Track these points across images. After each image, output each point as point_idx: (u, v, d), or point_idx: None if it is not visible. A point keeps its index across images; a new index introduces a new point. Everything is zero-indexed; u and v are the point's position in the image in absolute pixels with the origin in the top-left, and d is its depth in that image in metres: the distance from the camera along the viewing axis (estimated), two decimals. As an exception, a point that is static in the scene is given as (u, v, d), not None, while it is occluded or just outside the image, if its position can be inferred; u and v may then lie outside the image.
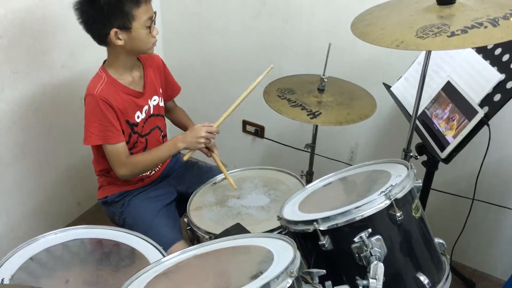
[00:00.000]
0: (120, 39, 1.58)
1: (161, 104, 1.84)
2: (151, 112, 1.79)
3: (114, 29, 1.56)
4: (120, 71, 1.69)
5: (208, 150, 1.79)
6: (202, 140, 1.68)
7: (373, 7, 1.53)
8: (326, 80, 1.85)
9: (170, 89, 1.92)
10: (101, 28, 1.57)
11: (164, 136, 1.90)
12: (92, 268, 1.37)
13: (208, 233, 1.57)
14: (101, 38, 1.61)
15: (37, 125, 2.15)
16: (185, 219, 1.67)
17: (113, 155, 1.67)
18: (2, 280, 1.26)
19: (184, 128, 1.97)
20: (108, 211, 1.88)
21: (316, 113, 1.74)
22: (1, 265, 1.32)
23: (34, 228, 2.26)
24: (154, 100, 1.80)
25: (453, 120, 1.60)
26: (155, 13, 1.63)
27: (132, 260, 1.40)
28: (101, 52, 1.69)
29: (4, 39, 1.90)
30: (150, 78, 1.78)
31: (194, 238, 1.65)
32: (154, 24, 1.63)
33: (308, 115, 1.74)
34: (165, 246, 1.51)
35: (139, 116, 1.73)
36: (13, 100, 2.01)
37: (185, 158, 1.74)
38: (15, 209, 2.19)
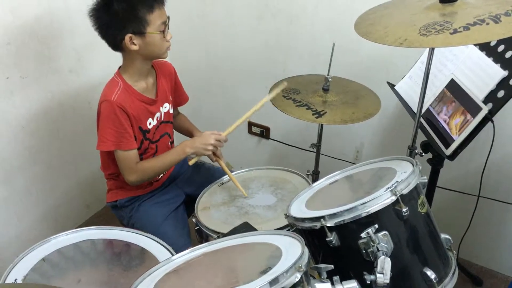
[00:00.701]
0: (135, 44, 1.60)
1: (171, 111, 1.86)
2: (162, 119, 1.82)
3: (129, 35, 1.58)
4: (135, 78, 1.71)
5: (214, 155, 1.81)
6: (210, 148, 1.70)
7: (376, 6, 1.54)
8: (330, 79, 1.86)
9: (178, 98, 1.95)
10: (116, 34, 1.59)
11: (172, 142, 1.92)
12: (103, 268, 1.39)
13: (216, 232, 1.59)
14: (116, 43, 1.62)
15: (46, 129, 2.18)
16: (193, 219, 1.69)
17: (124, 161, 1.69)
18: (15, 280, 1.29)
19: (186, 133, 1.99)
20: (117, 215, 1.90)
21: (321, 113, 1.76)
22: (14, 266, 1.35)
23: (44, 231, 2.29)
24: (165, 107, 1.82)
25: (457, 117, 1.61)
26: (168, 17, 1.65)
27: (142, 260, 1.42)
28: (108, 57, 1.70)
29: (13, 45, 1.93)
30: (162, 86, 1.80)
31: (202, 237, 1.67)
32: (168, 28, 1.65)
33: (313, 114, 1.75)
34: (175, 251, 1.52)
35: (151, 123, 1.75)
36: (22, 104, 2.04)
37: (191, 163, 1.76)
38: (25, 212, 2.21)
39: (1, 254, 2.12)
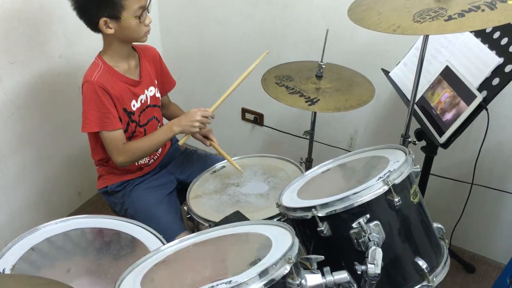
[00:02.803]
0: (110, 28, 1.59)
1: (158, 95, 1.84)
2: (148, 103, 1.79)
3: (104, 18, 1.57)
4: (115, 59, 1.69)
5: (206, 138, 1.79)
6: (197, 124, 1.68)
7: (370, -8, 1.52)
8: (324, 66, 1.84)
9: (166, 83, 1.92)
10: (91, 16, 1.59)
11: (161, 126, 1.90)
12: (93, 257, 1.38)
13: (207, 221, 1.58)
14: (92, 25, 1.62)
15: (36, 116, 2.15)
16: (185, 207, 1.68)
17: (110, 142, 1.67)
18: (3, 270, 1.27)
19: None
20: (109, 201, 1.88)
21: (315, 100, 1.74)
22: (2, 256, 1.33)
23: (35, 219, 2.27)
24: (151, 90, 1.80)
25: (453, 105, 1.59)
26: (149, 0, 1.62)
27: (132, 249, 1.41)
28: (99, 42, 1.69)
29: (1, 30, 1.89)
30: (146, 69, 1.79)
31: (194, 226, 1.66)
32: (148, 12, 1.62)
33: (306, 102, 1.73)
34: (169, 236, 1.52)
35: (135, 105, 1.74)
36: (12, 90, 2.00)
37: (180, 142, 1.73)
38: (16, 199, 2.20)
39: (-8, 241, 2.11)
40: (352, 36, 2.17)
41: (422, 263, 1.20)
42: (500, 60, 1.52)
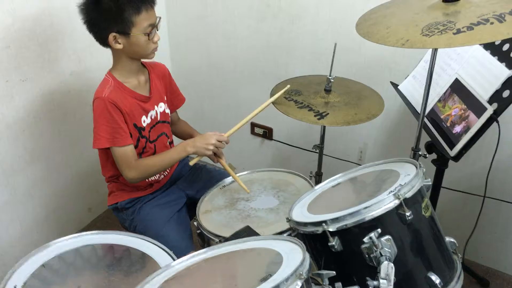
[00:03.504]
0: (119, 43, 1.61)
1: (167, 111, 1.85)
2: (158, 119, 1.80)
3: (113, 34, 1.58)
4: (125, 75, 1.71)
5: (215, 156, 1.80)
6: (211, 147, 1.68)
7: (378, 6, 1.52)
8: (332, 80, 1.84)
9: (175, 99, 1.93)
10: (101, 31, 1.61)
11: (171, 142, 1.91)
12: (103, 273, 1.37)
13: (218, 236, 1.57)
14: (101, 40, 1.64)
15: (47, 132, 2.17)
16: (195, 223, 1.67)
17: (121, 158, 1.68)
18: (15, 287, 1.27)
19: (188, 138, 1.97)
20: (118, 218, 1.88)
21: (324, 114, 1.74)
22: (14, 272, 1.33)
23: (46, 234, 2.28)
24: (161, 106, 1.81)
25: (462, 117, 1.59)
26: (159, 18, 1.64)
27: (142, 265, 1.40)
28: (109, 59, 1.70)
29: (13, 48, 1.92)
30: (155, 85, 1.80)
31: (204, 241, 1.65)
32: (157, 29, 1.64)
33: (315, 116, 1.73)
34: (177, 255, 1.51)
35: (145, 121, 1.74)
36: (23, 107, 2.03)
37: (191, 163, 1.74)
38: (27, 216, 2.21)
39: (3, 258, 2.11)
40: (360, 50, 2.17)
41: (435, 278, 1.19)
42: (510, 72, 1.51)
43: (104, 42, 1.63)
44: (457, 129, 1.59)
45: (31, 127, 2.09)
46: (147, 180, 1.81)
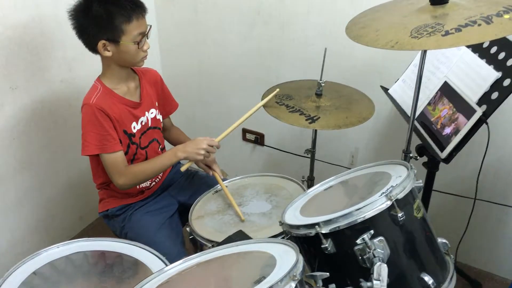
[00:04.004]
0: (108, 51, 1.60)
1: (158, 117, 1.85)
2: (149, 125, 1.80)
3: (103, 41, 1.58)
4: (114, 81, 1.70)
5: (209, 168, 1.80)
6: (202, 152, 1.68)
7: (367, 10, 1.54)
8: (323, 84, 1.85)
9: (167, 105, 1.93)
10: (90, 38, 1.60)
11: (163, 148, 1.90)
12: (95, 280, 1.37)
13: (210, 241, 1.56)
14: (90, 46, 1.63)
15: (37, 140, 2.16)
16: (187, 228, 1.67)
17: (111, 165, 1.67)
18: (6, 295, 1.26)
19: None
20: (109, 225, 1.87)
21: (315, 118, 1.75)
22: (4, 281, 1.32)
23: (37, 243, 2.26)
24: (152, 112, 1.80)
25: (452, 120, 1.60)
26: (150, 27, 1.64)
27: (135, 271, 1.39)
28: (99, 67, 1.70)
29: (2, 56, 1.91)
30: (146, 91, 1.79)
31: (196, 247, 1.64)
32: (148, 38, 1.64)
33: (306, 120, 1.74)
34: (169, 261, 1.50)
35: (135, 127, 1.74)
36: (13, 116, 2.01)
37: (183, 169, 1.74)
38: (17, 225, 2.19)
39: (-7, 267, 2.09)
40: (350, 54, 2.19)
41: (428, 279, 1.19)
42: (498, 74, 1.53)
43: (93, 48, 1.63)
44: (447, 130, 1.60)
45: (21, 135, 2.07)
46: (138, 187, 1.80)
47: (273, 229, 1.56)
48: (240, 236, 1.39)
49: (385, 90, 2.00)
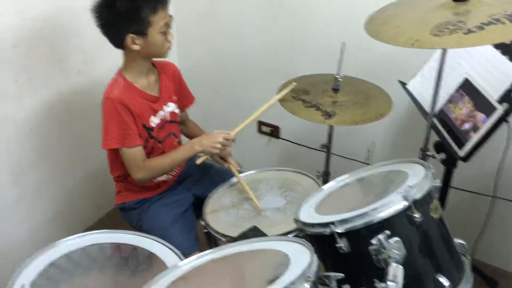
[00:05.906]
0: (136, 44, 1.60)
1: (176, 111, 1.85)
2: (167, 119, 1.80)
3: (131, 35, 1.57)
4: (135, 75, 1.70)
5: (224, 161, 1.79)
6: (218, 146, 1.68)
7: (387, 4, 1.51)
8: (340, 79, 1.83)
9: (185, 99, 1.93)
10: (117, 33, 1.59)
11: (179, 142, 1.91)
12: (110, 273, 1.38)
13: (225, 236, 1.57)
14: (117, 42, 1.62)
15: (55, 131, 2.18)
16: (202, 222, 1.67)
17: (130, 159, 1.68)
18: (23, 286, 1.28)
19: None
20: (125, 217, 1.89)
21: (331, 113, 1.73)
22: (22, 271, 1.34)
23: (54, 233, 2.29)
24: (169, 106, 1.81)
25: (472, 117, 1.57)
26: (171, 17, 1.63)
27: (150, 264, 1.40)
28: (116, 58, 1.70)
29: (22, 48, 1.92)
30: (165, 84, 1.79)
31: (211, 241, 1.65)
32: (171, 28, 1.64)
33: (322, 115, 1.72)
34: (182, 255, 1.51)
35: (153, 121, 1.74)
36: (31, 107, 2.03)
37: (198, 162, 1.74)
38: (35, 214, 2.22)
39: (12, 256, 2.12)
40: (369, 48, 2.15)
41: (444, 281, 1.17)
42: (520, 72, 1.50)
43: (120, 44, 1.62)
44: (466, 126, 1.57)
45: (39, 126, 2.09)
46: (154, 180, 1.81)
47: (287, 225, 1.56)
48: (254, 231, 1.39)
49: (404, 85, 1.97)
